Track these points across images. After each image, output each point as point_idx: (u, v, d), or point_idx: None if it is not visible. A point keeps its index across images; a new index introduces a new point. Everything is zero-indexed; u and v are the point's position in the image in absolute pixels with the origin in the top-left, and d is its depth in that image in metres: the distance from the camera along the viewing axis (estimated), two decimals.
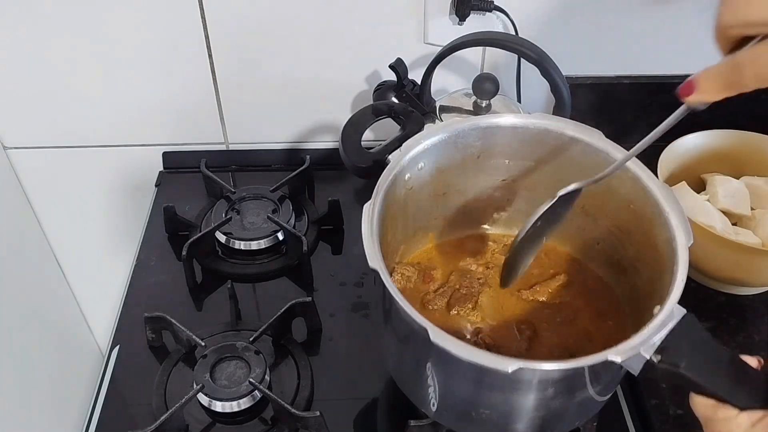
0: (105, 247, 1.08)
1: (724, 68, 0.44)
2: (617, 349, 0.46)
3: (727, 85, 0.44)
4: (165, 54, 0.88)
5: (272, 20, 0.85)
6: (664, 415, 0.65)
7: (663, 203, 0.55)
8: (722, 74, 0.44)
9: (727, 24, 0.42)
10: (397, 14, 0.85)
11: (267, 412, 0.66)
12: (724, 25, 0.42)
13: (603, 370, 0.50)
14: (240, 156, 0.97)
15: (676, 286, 0.49)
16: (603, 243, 0.64)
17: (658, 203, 0.55)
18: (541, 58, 0.74)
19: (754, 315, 0.75)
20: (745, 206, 0.78)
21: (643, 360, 0.46)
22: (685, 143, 0.79)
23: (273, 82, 0.91)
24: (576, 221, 0.65)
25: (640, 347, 0.46)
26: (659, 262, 0.54)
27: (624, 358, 0.45)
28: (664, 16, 0.87)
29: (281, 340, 0.71)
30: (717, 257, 0.72)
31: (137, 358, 0.71)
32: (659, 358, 0.46)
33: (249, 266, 0.81)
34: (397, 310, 0.49)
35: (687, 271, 0.50)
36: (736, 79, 0.43)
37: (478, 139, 0.63)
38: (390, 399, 0.68)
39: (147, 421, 0.62)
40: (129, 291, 0.79)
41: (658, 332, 0.46)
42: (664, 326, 0.46)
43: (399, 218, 0.63)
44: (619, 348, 0.46)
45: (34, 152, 0.97)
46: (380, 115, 0.68)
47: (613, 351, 0.46)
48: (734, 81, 0.43)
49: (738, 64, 0.43)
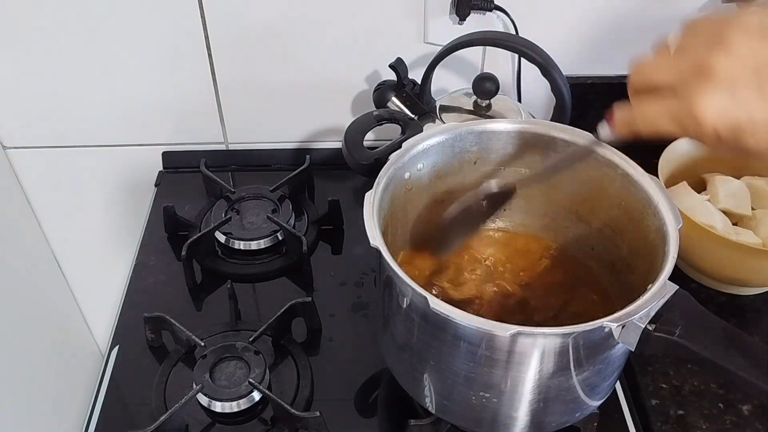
0: (104, 247, 1.08)
1: (627, 114, 0.48)
2: (612, 317, 0.47)
3: (630, 132, 0.48)
4: (165, 54, 0.88)
5: (272, 20, 0.85)
6: (664, 415, 0.65)
7: (651, 193, 0.57)
8: (626, 120, 0.49)
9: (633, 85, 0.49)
10: (397, 14, 0.85)
11: (267, 413, 0.66)
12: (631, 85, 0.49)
13: (599, 344, 0.50)
14: (240, 156, 0.97)
15: (669, 262, 0.51)
16: (597, 247, 0.65)
17: (648, 194, 0.57)
18: (542, 57, 0.74)
19: (755, 315, 0.75)
20: (746, 206, 0.78)
21: (639, 330, 0.47)
22: (686, 143, 0.79)
23: (273, 82, 0.91)
24: (571, 229, 0.66)
25: (633, 315, 0.47)
26: (652, 254, 0.55)
27: (617, 324, 0.46)
28: (664, 16, 0.87)
29: (281, 341, 0.71)
30: (717, 257, 0.72)
31: (137, 358, 0.71)
32: (654, 327, 0.47)
33: (249, 266, 0.81)
34: (398, 285, 0.50)
35: (677, 250, 0.52)
36: (634, 128, 0.48)
37: (474, 143, 0.64)
38: (390, 399, 0.68)
39: (146, 421, 0.62)
40: (128, 291, 0.79)
41: (651, 303, 0.47)
42: (658, 298, 0.48)
43: (399, 219, 0.63)
44: (614, 316, 0.47)
45: (33, 152, 0.97)
46: (383, 121, 0.71)
47: (608, 318, 0.47)
48: (633, 130, 0.48)
49: (633, 114, 0.47)
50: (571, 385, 0.52)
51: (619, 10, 0.86)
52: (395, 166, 0.59)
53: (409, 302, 0.52)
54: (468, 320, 0.47)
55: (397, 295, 0.53)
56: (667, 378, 0.68)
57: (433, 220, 0.67)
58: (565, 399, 0.54)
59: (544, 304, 0.64)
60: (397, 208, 0.62)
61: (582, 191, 0.61)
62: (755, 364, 0.45)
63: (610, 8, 0.86)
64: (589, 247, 0.66)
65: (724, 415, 0.65)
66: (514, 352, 0.49)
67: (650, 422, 0.65)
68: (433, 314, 0.48)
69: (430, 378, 0.56)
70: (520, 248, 0.69)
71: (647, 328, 0.47)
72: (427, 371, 0.55)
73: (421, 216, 0.66)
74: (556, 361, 0.50)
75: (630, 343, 0.48)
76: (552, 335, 0.48)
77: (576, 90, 0.81)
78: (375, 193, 0.56)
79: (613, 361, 0.53)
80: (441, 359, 0.53)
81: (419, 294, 0.48)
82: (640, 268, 0.58)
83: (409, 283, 0.49)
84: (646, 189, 0.57)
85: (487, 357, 0.50)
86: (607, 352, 0.51)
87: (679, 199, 0.76)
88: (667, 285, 0.49)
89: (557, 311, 0.64)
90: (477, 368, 0.51)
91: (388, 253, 0.51)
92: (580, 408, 0.56)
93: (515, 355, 0.49)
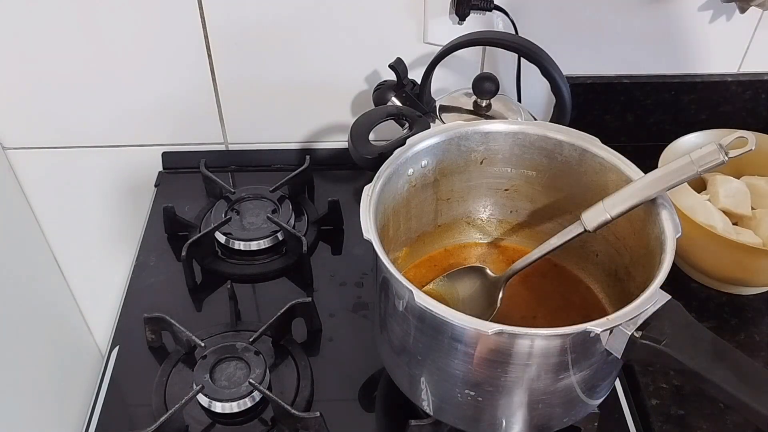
0: (104, 248, 1.08)
1: None
2: (596, 322, 0.46)
3: None
4: (165, 54, 0.88)
5: (272, 20, 0.85)
6: (664, 415, 0.65)
7: (655, 201, 0.56)
8: None
9: None
10: (397, 14, 0.85)
11: (267, 413, 0.65)
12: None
13: (588, 348, 0.50)
14: (239, 156, 0.97)
15: (662, 270, 0.50)
16: (601, 254, 0.65)
17: (650, 202, 0.56)
18: (541, 57, 0.74)
19: (755, 315, 0.75)
20: (746, 206, 0.78)
21: (625, 337, 0.47)
22: (685, 143, 0.79)
23: (272, 82, 0.91)
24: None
25: (619, 321, 0.46)
26: (651, 262, 0.54)
27: (602, 329, 0.46)
28: (664, 16, 0.87)
29: (281, 341, 0.71)
30: (718, 257, 0.72)
31: (137, 358, 0.71)
32: (641, 334, 0.46)
33: (249, 267, 0.81)
34: (388, 280, 0.50)
35: (673, 259, 0.51)
36: None
37: (481, 143, 0.63)
38: (390, 399, 0.68)
39: (147, 421, 0.62)
40: (128, 291, 0.79)
41: (639, 311, 0.47)
42: (646, 306, 0.47)
43: (401, 215, 0.63)
44: (598, 321, 0.46)
45: (33, 152, 0.97)
46: (391, 116, 0.70)
47: (592, 323, 0.46)
48: None
49: None
50: (567, 386, 0.52)
51: (618, 10, 0.86)
52: (398, 162, 0.59)
53: (396, 294, 0.52)
54: (452, 316, 0.47)
55: (388, 290, 0.53)
56: (667, 378, 0.68)
57: (436, 219, 0.67)
58: (563, 399, 0.54)
59: (545, 308, 0.64)
60: (399, 203, 0.62)
61: (587, 196, 0.60)
62: (741, 379, 0.44)
63: (610, 8, 0.86)
64: (593, 253, 0.66)
65: (725, 415, 0.65)
66: (500, 351, 0.49)
67: (650, 422, 0.65)
68: (419, 309, 0.48)
69: (425, 379, 0.55)
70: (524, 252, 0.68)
71: (634, 335, 0.47)
72: (421, 371, 0.55)
73: (426, 214, 0.66)
74: (543, 362, 0.49)
75: (617, 350, 0.48)
76: (536, 336, 0.47)
77: (576, 90, 0.81)
78: (374, 187, 0.56)
79: (607, 364, 0.53)
80: (430, 357, 0.53)
81: (405, 287, 0.48)
82: (639, 276, 0.58)
83: (397, 276, 0.49)
84: None
85: (472, 355, 0.50)
86: (596, 356, 0.51)
87: (679, 199, 0.76)
88: (657, 294, 0.49)
89: (556, 316, 0.64)
90: (463, 366, 0.51)
91: (380, 245, 0.51)
92: (580, 408, 0.56)
93: (501, 354, 0.49)
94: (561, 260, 0.68)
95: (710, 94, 0.93)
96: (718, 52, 0.91)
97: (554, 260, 0.68)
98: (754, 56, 0.91)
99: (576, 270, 0.68)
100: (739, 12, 0.84)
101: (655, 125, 0.96)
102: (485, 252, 0.71)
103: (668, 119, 0.95)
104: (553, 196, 0.66)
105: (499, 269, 0.64)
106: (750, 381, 0.45)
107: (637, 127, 0.96)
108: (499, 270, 0.64)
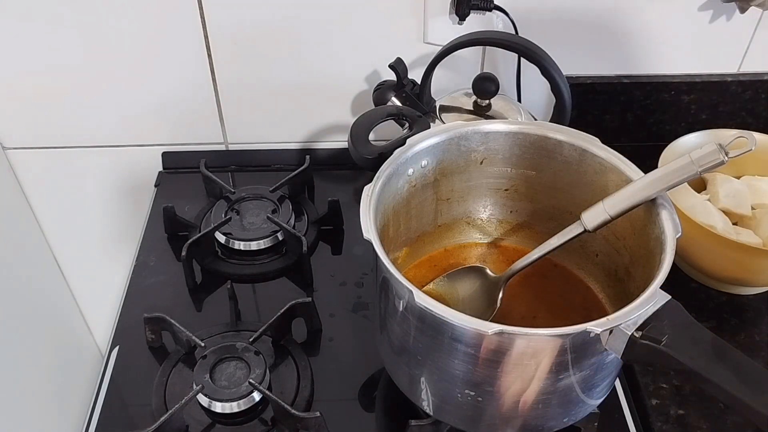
0: (104, 248, 1.08)
1: None
2: (596, 322, 0.46)
3: None
4: (165, 54, 0.88)
5: (272, 20, 0.85)
6: (664, 415, 0.65)
7: (654, 201, 0.56)
8: None
9: None
10: (397, 14, 0.85)
11: (267, 413, 0.65)
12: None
13: (588, 349, 0.50)
14: (239, 156, 0.97)
15: (662, 270, 0.50)
16: (601, 254, 0.65)
17: (650, 202, 0.56)
18: (541, 57, 0.74)
19: (755, 315, 0.75)
20: (746, 206, 0.78)
21: (625, 337, 0.47)
22: (685, 143, 0.79)
23: (272, 82, 0.91)
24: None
25: (619, 322, 0.46)
26: (651, 263, 0.54)
27: (602, 329, 0.46)
28: (664, 16, 0.87)
29: (281, 341, 0.71)
30: (717, 257, 0.72)
31: (137, 358, 0.71)
32: (641, 334, 0.46)
33: (249, 266, 0.81)
34: (388, 280, 0.50)
35: (673, 259, 0.51)
36: None
37: (480, 143, 0.63)
38: (390, 399, 0.68)
39: (147, 421, 0.62)
40: (128, 291, 0.79)
41: (639, 311, 0.47)
42: (646, 306, 0.47)
43: (401, 215, 0.63)
44: (598, 321, 0.46)
45: (33, 152, 0.97)
46: (391, 116, 0.70)
47: (592, 323, 0.46)
48: None
49: None
50: (567, 386, 0.52)
51: (618, 10, 0.86)
52: (398, 162, 0.59)
53: (396, 295, 0.52)
54: (452, 316, 0.47)
55: (388, 290, 0.53)
56: (667, 378, 0.68)
57: (436, 219, 0.67)
58: (563, 399, 0.54)
59: (545, 308, 0.64)
60: (399, 203, 0.62)
61: (587, 196, 0.61)
62: (741, 379, 0.44)
63: (610, 8, 0.86)
64: (594, 253, 0.66)
65: (725, 415, 0.65)
66: (500, 351, 0.49)
67: (650, 422, 0.65)
68: (419, 309, 0.48)
69: (425, 379, 0.55)
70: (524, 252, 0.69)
71: (634, 335, 0.47)
72: (421, 371, 0.55)
73: (426, 214, 0.66)
74: (543, 363, 0.49)
75: (617, 350, 0.48)
76: (536, 336, 0.47)
77: (576, 90, 0.81)
78: (374, 187, 0.56)
79: (607, 364, 0.53)
80: (430, 357, 0.53)
81: (405, 287, 0.48)
82: (639, 276, 0.58)
83: (397, 276, 0.49)
84: None
85: (472, 355, 0.50)
86: (597, 356, 0.51)
87: (679, 199, 0.76)
88: (657, 294, 0.49)
89: (556, 316, 0.64)
90: (463, 366, 0.51)
91: (380, 245, 0.51)
92: (580, 408, 0.56)
93: (501, 354, 0.49)
94: (561, 260, 0.68)
95: (710, 94, 0.93)
96: (718, 52, 0.91)
97: (554, 260, 0.68)
98: (754, 56, 0.91)
99: (576, 270, 0.68)
100: (739, 12, 0.84)
101: (655, 125, 0.96)
102: (485, 252, 0.71)
103: (668, 119, 0.95)
104: (553, 196, 0.66)
105: (499, 269, 0.64)
106: (750, 381, 0.45)
107: (637, 127, 0.96)
108: (499, 270, 0.64)
